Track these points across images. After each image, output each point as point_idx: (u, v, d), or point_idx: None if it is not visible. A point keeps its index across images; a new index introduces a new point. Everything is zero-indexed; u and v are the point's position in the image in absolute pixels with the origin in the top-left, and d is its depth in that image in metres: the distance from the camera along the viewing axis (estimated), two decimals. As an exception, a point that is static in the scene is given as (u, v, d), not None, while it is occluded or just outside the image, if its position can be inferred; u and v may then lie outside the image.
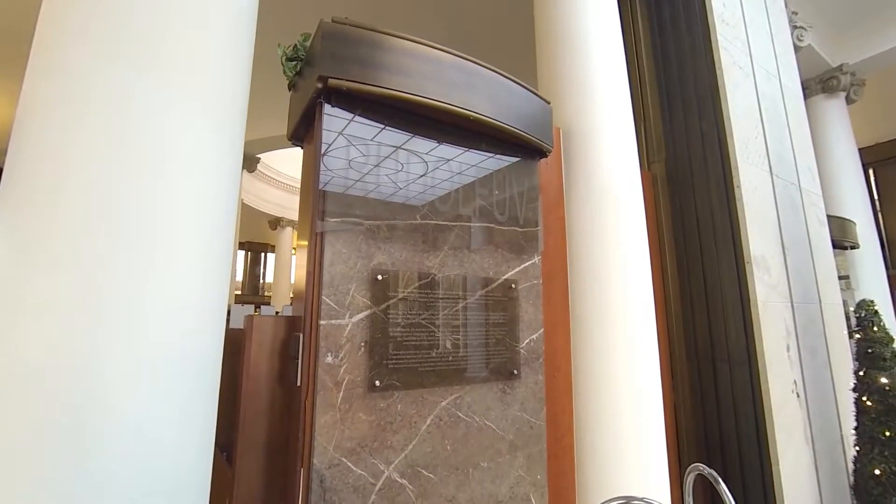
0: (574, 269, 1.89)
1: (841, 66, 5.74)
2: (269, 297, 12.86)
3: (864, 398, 1.90)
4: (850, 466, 2.02)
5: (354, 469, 1.13)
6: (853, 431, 1.95)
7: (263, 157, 9.33)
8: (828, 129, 5.69)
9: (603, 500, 0.97)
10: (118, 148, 0.90)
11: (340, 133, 1.28)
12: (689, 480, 1.06)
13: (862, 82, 5.89)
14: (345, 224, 1.23)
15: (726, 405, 2.10)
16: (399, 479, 1.20)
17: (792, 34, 4.19)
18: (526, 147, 1.69)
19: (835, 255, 3.21)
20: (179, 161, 0.96)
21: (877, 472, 1.74)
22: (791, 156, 2.94)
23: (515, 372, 1.52)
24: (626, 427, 1.68)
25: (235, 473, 1.21)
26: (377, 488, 1.16)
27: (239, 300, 11.70)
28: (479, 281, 1.49)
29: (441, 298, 1.38)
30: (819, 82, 5.80)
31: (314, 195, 1.21)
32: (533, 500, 1.47)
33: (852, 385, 1.99)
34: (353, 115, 1.30)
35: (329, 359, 1.13)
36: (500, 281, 1.54)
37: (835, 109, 5.82)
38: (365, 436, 1.16)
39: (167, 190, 0.94)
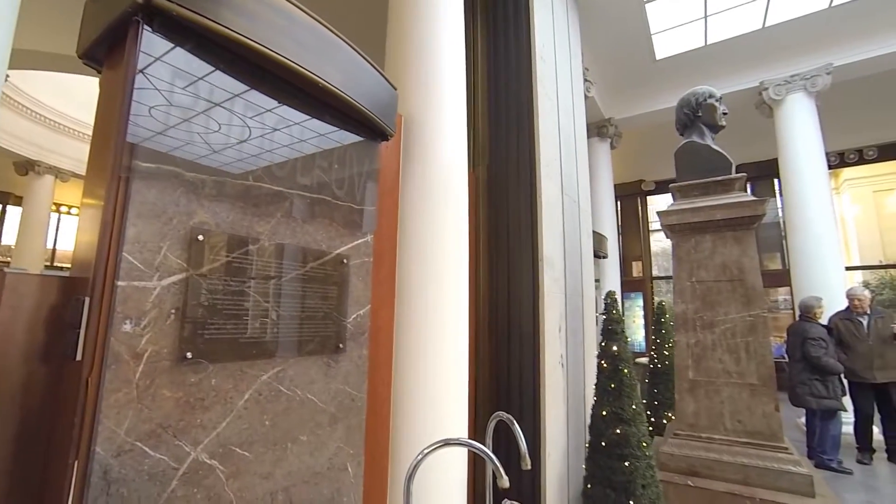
0: (402, 251, 2.01)
1: (609, 118, 7.52)
2: (8, 262, 9.57)
3: (602, 361, 2.59)
4: (589, 412, 2.70)
5: (152, 454, 0.98)
6: (594, 386, 2.63)
7: (13, 76, 6.93)
8: (597, 164, 7.37)
9: (424, 447, 1.08)
10: None
11: (169, 63, 1.08)
12: (492, 425, 1.27)
13: (621, 134, 7.83)
14: (160, 171, 1.05)
15: (515, 370, 2.56)
16: (208, 461, 1.09)
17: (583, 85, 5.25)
18: (370, 127, 1.72)
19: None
20: None
21: (604, 412, 2.41)
22: (576, 179, 3.71)
23: (341, 346, 1.54)
24: (439, 395, 1.89)
25: (-42, 479, 0.91)
26: (180, 473, 1.03)
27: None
28: (312, 253, 1.46)
29: (269, 267, 1.31)
30: (595, 128, 7.47)
31: (120, 131, 0.99)
32: (349, 469, 1.52)
33: (597, 352, 2.68)
34: (180, 48, 1.11)
35: (127, 327, 0.95)
36: (332, 255, 1.54)
37: (603, 151, 7.60)
38: (169, 415, 1.02)
39: None
